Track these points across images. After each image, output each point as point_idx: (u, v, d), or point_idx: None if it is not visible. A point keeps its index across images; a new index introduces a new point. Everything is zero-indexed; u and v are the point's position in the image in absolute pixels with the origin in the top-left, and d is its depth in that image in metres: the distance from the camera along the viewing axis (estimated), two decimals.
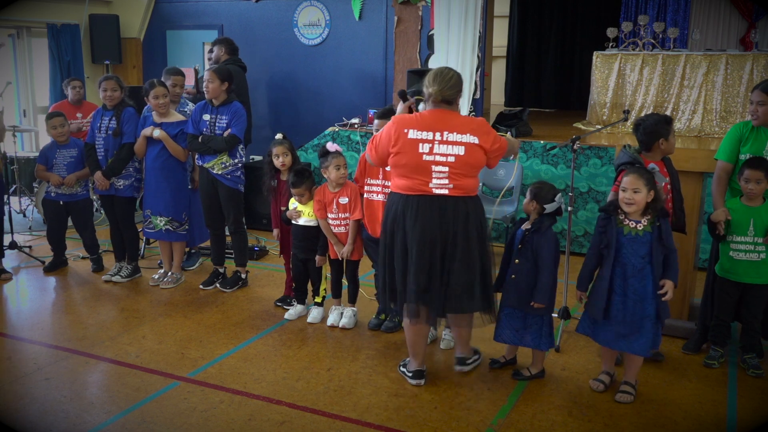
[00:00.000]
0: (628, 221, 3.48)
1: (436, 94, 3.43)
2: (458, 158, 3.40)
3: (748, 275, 3.88)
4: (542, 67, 11.74)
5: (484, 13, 7.69)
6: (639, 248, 3.45)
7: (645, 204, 3.43)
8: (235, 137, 4.96)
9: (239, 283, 5.33)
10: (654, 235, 3.44)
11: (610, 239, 3.51)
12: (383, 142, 3.54)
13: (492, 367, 3.95)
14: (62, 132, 5.48)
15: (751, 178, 3.78)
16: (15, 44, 8.84)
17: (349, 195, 4.38)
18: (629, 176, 3.44)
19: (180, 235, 5.34)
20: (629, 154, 3.79)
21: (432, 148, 3.40)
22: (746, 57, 6.97)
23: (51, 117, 5.53)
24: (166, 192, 5.22)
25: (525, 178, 6.26)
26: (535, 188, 3.70)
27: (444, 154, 3.40)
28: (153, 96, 5.05)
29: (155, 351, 4.18)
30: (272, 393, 3.65)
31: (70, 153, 5.53)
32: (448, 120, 3.45)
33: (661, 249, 3.45)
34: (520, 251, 3.71)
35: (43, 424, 3.33)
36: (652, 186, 3.43)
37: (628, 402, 3.55)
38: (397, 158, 3.48)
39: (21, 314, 4.86)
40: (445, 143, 3.40)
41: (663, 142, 3.80)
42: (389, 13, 8.18)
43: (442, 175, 3.41)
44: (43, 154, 5.57)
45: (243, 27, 8.92)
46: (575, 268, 3.86)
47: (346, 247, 4.42)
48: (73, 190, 5.57)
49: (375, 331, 4.49)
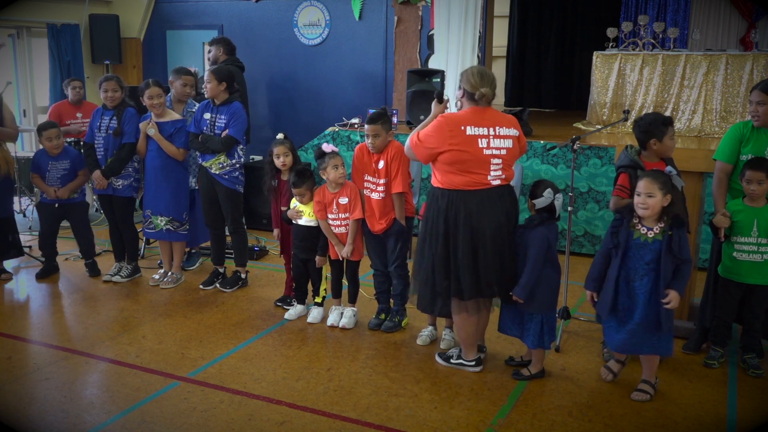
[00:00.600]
0: (640, 226, 3.47)
1: (489, 94, 3.63)
2: (508, 150, 3.66)
3: (751, 276, 3.87)
4: (542, 67, 11.74)
5: (484, 13, 7.70)
6: (645, 254, 3.44)
7: (660, 208, 3.40)
8: (231, 138, 4.95)
9: (239, 282, 5.33)
10: (664, 245, 3.39)
11: (620, 241, 3.50)
12: (434, 139, 3.61)
13: (508, 363, 3.97)
14: (57, 144, 5.41)
15: (752, 179, 3.77)
16: (15, 44, 8.85)
17: (349, 195, 4.39)
18: (643, 180, 3.41)
19: (180, 235, 5.33)
20: (629, 156, 3.78)
21: (489, 142, 3.59)
22: (746, 57, 6.97)
23: (46, 128, 5.44)
24: (166, 192, 5.21)
25: (525, 178, 6.26)
26: (532, 186, 3.77)
27: (498, 147, 3.62)
28: (148, 96, 5.04)
29: (155, 351, 4.18)
30: (272, 393, 3.65)
31: (62, 165, 5.46)
32: (495, 116, 3.68)
33: (671, 259, 3.40)
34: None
35: (43, 424, 3.33)
36: (668, 190, 3.38)
37: (644, 401, 3.55)
38: (454, 155, 3.56)
39: (21, 314, 4.86)
40: (498, 137, 3.62)
41: (655, 142, 3.75)
42: (389, 13, 8.19)
43: (497, 167, 3.63)
44: (36, 163, 5.46)
45: (243, 27, 8.93)
46: (575, 268, 3.87)
47: (347, 247, 4.42)
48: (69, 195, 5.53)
49: (375, 331, 4.49)
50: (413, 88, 7.15)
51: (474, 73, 3.63)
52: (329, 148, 4.39)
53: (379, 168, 4.29)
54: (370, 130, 4.24)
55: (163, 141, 5.08)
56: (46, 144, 5.41)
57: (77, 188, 5.56)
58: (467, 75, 3.65)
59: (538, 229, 3.66)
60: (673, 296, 3.41)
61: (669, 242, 3.38)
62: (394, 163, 4.24)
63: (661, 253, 3.39)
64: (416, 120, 7.14)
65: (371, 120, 4.26)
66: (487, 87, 3.59)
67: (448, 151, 3.55)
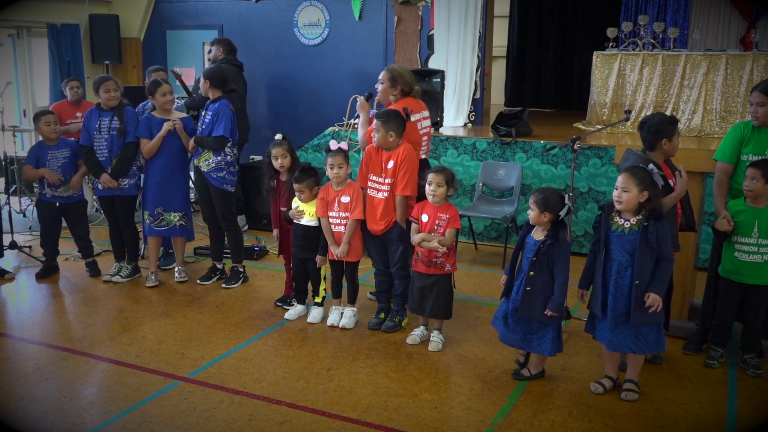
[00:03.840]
0: (618, 218, 3.48)
1: (420, 90, 4.68)
2: (429, 129, 4.75)
3: (751, 276, 3.87)
4: (542, 67, 11.75)
5: (484, 13, 7.70)
6: (626, 245, 3.45)
7: (636, 204, 3.41)
8: (223, 138, 5.03)
9: (240, 277, 5.37)
10: (639, 234, 3.40)
11: (600, 235, 3.53)
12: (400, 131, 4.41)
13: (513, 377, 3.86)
14: (54, 129, 5.40)
15: (749, 175, 3.79)
16: (15, 44, 8.85)
17: (351, 194, 4.39)
18: (622, 175, 3.44)
19: (188, 229, 5.42)
20: (640, 156, 3.72)
21: (421, 124, 4.55)
22: (746, 57, 6.97)
23: (43, 114, 5.46)
24: (177, 188, 5.28)
25: (525, 178, 6.26)
26: (542, 199, 3.59)
27: (426, 127, 4.63)
28: (161, 94, 5.10)
29: (155, 351, 4.18)
30: (272, 393, 3.65)
31: (62, 153, 5.44)
32: (420, 104, 4.66)
33: (648, 251, 3.40)
34: (535, 263, 3.63)
35: (43, 424, 3.33)
36: (645, 186, 3.38)
37: (633, 400, 3.55)
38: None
39: (21, 314, 4.86)
40: (425, 119, 4.66)
41: (666, 142, 3.76)
42: (389, 13, 8.18)
43: (425, 143, 4.65)
44: (33, 154, 5.41)
45: (243, 27, 8.93)
46: (575, 268, 3.86)
47: (341, 246, 4.43)
48: (71, 192, 5.50)
49: (375, 331, 4.49)
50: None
51: (407, 73, 4.56)
52: (335, 146, 4.40)
53: (387, 167, 4.31)
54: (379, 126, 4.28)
55: (183, 133, 5.16)
56: (44, 129, 5.37)
57: (82, 178, 5.55)
58: (400, 75, 4.50)
59: (565, 242, 3.63)
60: (653, 299, 3.39)
61: (644, 232, 3.39)
62: (403, 166, 4.28)
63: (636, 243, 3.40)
64: None
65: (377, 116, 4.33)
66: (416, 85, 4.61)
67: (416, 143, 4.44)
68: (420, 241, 4.11)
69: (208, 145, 5.05)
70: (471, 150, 6.62)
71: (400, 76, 4.53)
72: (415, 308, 4.27)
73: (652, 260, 3.42)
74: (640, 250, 3.40)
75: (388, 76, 4.54)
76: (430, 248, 4.08)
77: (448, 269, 4.15)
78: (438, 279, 4.14)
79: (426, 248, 4.10)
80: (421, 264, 4.16)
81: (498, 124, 6.65)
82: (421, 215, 4.16)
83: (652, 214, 3.39)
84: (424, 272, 4.16)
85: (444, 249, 4.07)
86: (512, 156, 6.44)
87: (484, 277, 5.64)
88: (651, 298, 3.39)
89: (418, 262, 4.19)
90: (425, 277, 4.16)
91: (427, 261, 4.13)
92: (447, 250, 4.11)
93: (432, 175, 4.07)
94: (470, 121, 7.81)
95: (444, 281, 4.17)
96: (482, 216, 6.06)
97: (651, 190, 3.40)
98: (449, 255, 4.14)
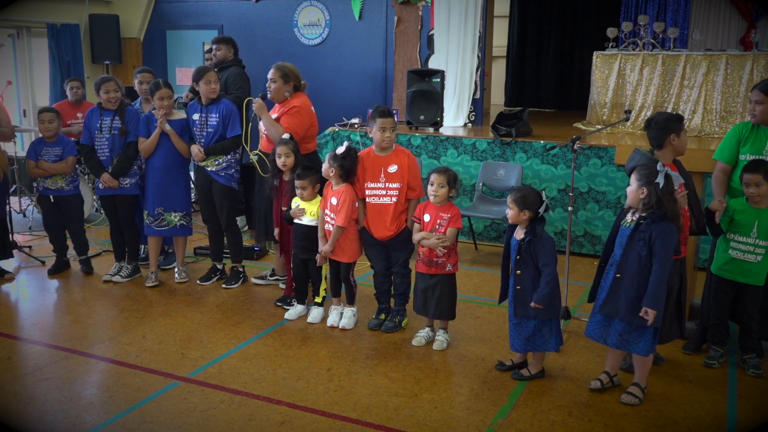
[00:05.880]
0: (629, 214, 3.52)
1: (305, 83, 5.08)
2: None
3: (741, 274, 3.88)
4: (542, 67, 11.75)
5: (484, 13, 7.70)
6: (623, 240, 3.49)
7: (637, 199, 3.41)
8: (240, 136, 5.09)
9: (240, 277, 5.37)
10: (631, 230, 3.42)
11: (613, 230, 3.59)
12: (308, 121, 4.88)
13: (498, 369, 3.93)
14: (48, 128, 5.45)
15: (750, 182, 3.77)
16: (15, 44, 8.85)
17: (339, 197, 4.38)
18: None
19: (189, 228, 5.42)
20: (648, 156, 3.69)
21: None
22: (746, 57, 6.97)
23: (45, 111, 5.53)
24: (177, 188, 5.28)
25: (525, 178, 6.26)
26: (520, 197, 3.64)
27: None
28: (158, 97, 5.07)
29: (155, 351, 4.18)
30: (272, 393, 3.65)
31: (55, 151, 5.50)
32: None
33: (634, 247, 3.39)
34: (519, 262, 3.68)
35: (43, 424, 3.33)
36: (645, 183, 3.37)
37: (632, 404, 3.52)
38: (315, 129, 5.04)
39: (21, 314, 4.86)
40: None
41: (674, 138, 3.71)
42: (389, 13, 8.19)
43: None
44: (32, 149, 5.51)
45: (243, 27, 8.93)
46: (575, 268, 3.86)
47: (326, 246, 4.43)
48: (58, 185, 5.51)
49: (375, 331, 4.48)
50: (413, 88, 7.15)
51: (295, 68, 4.82)
52: (340, 151, 4.38)
53: (391, 172, 4.29)
54: (389, 123, 4.26)
55: (175, 136, 5.13)
56: (39, 126, 5.49)
57: (61, 171, 5.50)
58: (291, 71, 4.76)
59: (544, 236, 3.65)
60: (650, 314, 3.36)
61: (636, 228, 3.40)
62: (413, 170, 4.32)
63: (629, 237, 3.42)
64: (416, 120, 7.14)
65: (387, 113, 4.29)
66: None
67: (312, 125, 4.86)
68: (420, 239, 4.12)
69: (227, 148, 5.08)
70: (471, 150, 6.62)
71: (291, 72, 4.79)
72: (418, 309, 4.27)
73: (640, 259, 3.39)
74: (627, 245, 3.43)
75: (280, 74, 4.74)
76: (429, 246, 4.08)
77: (450, 269, 4.15)
78: (440, 279, 4.14)
79: (426, 246, 4.10)
80: (422, 264, 4.16)
81: (498, 124, 6.65)
82: (423, 215, 4.16)
83: (654, 214, 3.38)
84: (426, 272, 4.16)
85: (445, 247, 4.07)
86: (512, 156, 6.44)
87: (484, 277, 5.64)
88: (648, 313, 3.36)
89: (419, 262, 4.19)
90: (427, 278, 4.16)
91: (428, 261, 4.13)
92: (448, 250, 4.11)
93: (434, 175, 4.07)
94: (470, 121, 7.81)
95: (447, 282, 4.16)
96: (482, 216, 6.06)
97: (649, 189, 3.36)
98: (450, 255, 4.14)
